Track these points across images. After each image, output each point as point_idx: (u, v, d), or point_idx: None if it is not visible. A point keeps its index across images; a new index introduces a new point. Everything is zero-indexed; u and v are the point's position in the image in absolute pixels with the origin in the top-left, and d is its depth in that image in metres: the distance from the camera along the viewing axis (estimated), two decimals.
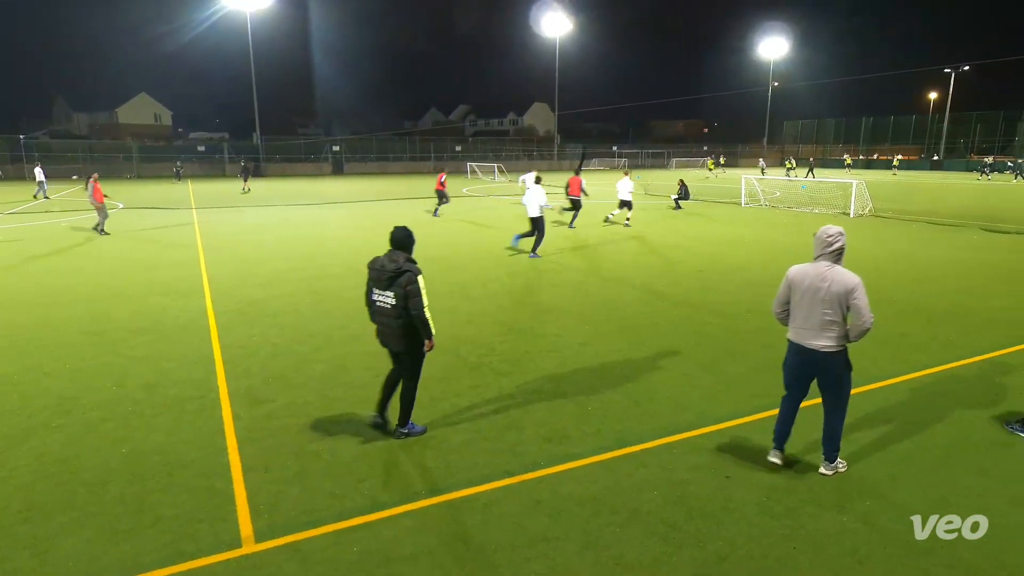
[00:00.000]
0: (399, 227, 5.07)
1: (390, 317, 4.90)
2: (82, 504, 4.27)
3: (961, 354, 7.20)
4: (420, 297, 4.81)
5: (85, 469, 4.73)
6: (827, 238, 4.34)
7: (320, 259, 13.57)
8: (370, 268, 4.99)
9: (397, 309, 4.83)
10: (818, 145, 78.38)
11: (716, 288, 10.67)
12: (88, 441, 5.19)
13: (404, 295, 4.77)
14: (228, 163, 53.16)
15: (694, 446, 5.06)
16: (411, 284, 4.78)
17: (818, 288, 4.31)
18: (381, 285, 4.89)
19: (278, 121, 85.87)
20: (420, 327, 4.88)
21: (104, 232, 17.28)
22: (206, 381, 6.51)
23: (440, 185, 21.81)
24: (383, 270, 4.87)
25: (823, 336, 4.33)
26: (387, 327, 4.96)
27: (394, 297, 4.82)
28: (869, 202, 22.60)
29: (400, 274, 4.80)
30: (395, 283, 4.81)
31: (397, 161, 62.01)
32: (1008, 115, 65.98)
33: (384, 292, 4.88)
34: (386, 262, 4.89)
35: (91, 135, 72.42)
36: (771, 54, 74.79)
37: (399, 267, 4.81)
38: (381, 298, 4.92)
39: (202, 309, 9.39)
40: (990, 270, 12.31)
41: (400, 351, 5.04)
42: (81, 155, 49.66)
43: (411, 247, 5.04)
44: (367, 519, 4.09)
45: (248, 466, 4.77)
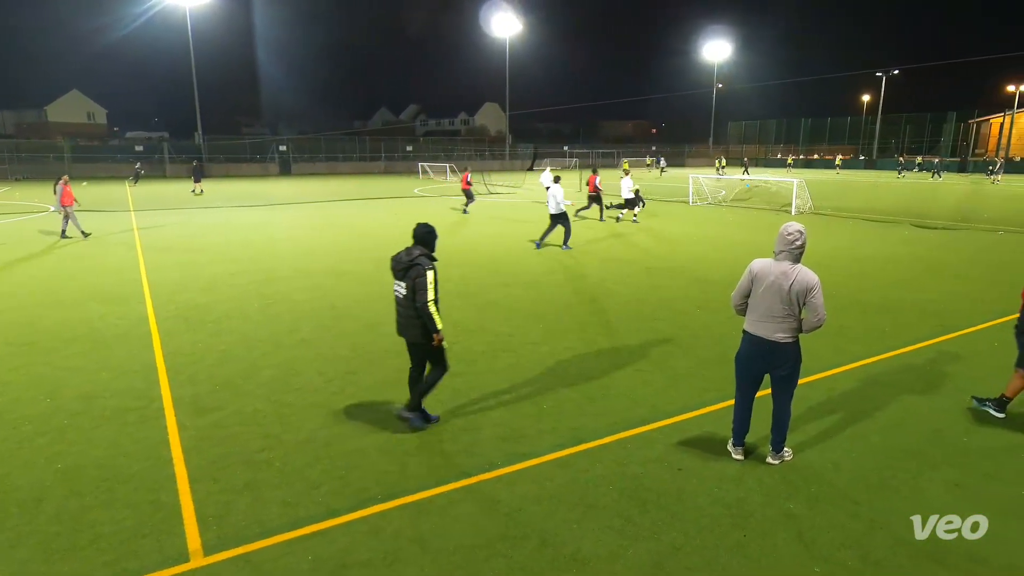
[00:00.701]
0: (421, 223, 5.31)
1: (403, 307, 5.17)
2: (14, 524, 4.04)
3: (895, 344, 7.56)
4: (425, 291, 4.99)
5: (17, 487, 4.47)
6: (788, 236, 4.46)
7: (267, 262, 13.22)
8: (391, 260, 5.24)
9: (408, 300, 5.09)
10: (761, 145, 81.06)
11: (666, 285, 10.90)
12: (20, 457, 4.91)
13: (413, 287, 5.01)
14: (169, 163, 51.20)
15: (647, 440, 5.16)
16: (419, 277, 5.00)
17: (781, 285, 4.42)
18: (397, 276, 5.17)
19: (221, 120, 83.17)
20: (426, 320, 5.05)
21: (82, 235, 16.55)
22: (148, 391, 6.25)
23: (466, 184, 22.64)
24: (399, 262, 5.14)
25: (781, 328, 4.48)
26: (403, 317, 5.22)
27: (405, 288, 5.08)
28: (809, 200, 23.51)
29: (411, 267, 5.04)
30: (407, 275, 5.06)
31: (347, 161, 60.93)
32: (934, 117, 69.71)
33: (399, 283, 5.16)
34: (403, 255, 5.15)
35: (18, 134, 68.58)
36: (715, 57, 76.86)
37: (412, 260, 5.06)
38: (397, 289, 5.20)
39: (142, 316, 9.01)
40: (920, 264, 12.98)
41: (416, 341, 5.24)
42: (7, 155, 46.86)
43: (431, 243, 5.25)
44: (321, 526, 4.01)
45: (195, 477, 4.61)
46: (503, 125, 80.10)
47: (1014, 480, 4.55)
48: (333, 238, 16.80)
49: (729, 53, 77.25)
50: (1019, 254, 14.21)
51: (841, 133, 76.43)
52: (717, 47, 76.44)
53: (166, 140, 59.27)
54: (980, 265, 12.91)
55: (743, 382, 4.76)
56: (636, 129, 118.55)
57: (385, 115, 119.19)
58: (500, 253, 14.28)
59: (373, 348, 7.52)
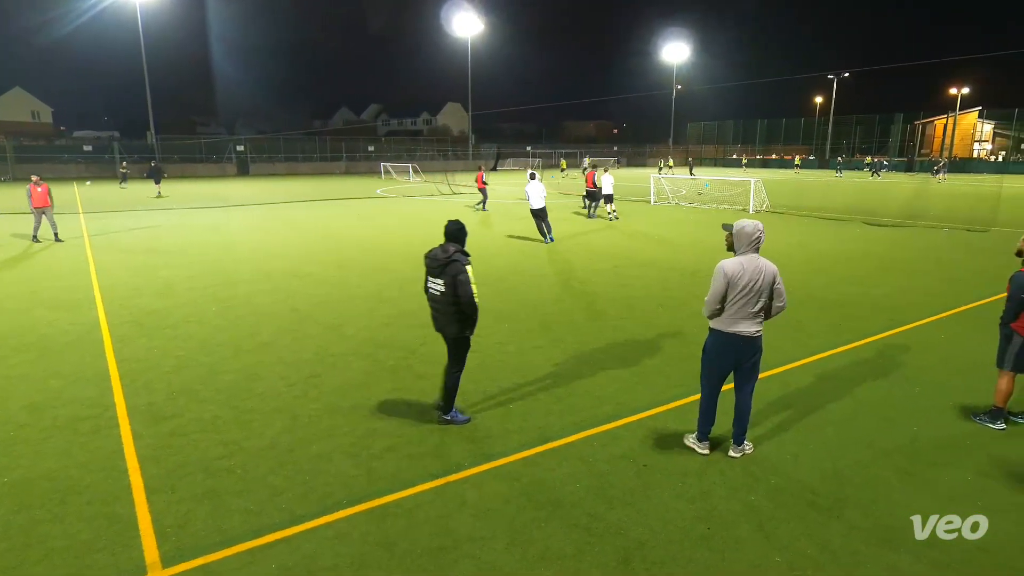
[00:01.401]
0: (452, 220, 5.38)
1: (441, 303, 5.23)
2: None
3: (849, 338, 7.82)
4: (469, 285, 5.08)
5: None
6: (749, 232, 4.58)
7: (226, 264, 12.90)
8: (425, 258, 5.29)
9: (446, 296, 5.15)
10: (719, 145, 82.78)
11: (629, 283, 11.03)
12: None
13: (453, 283, 5.08)
14: (120, 164, 49.51)
15: (613, 437, 5.22)
16: (460, 273, 5.07)
17: (757, 280, 4.54)
18: (433, 273, 5.22)
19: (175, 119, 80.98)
20: (471, 312, 5.19)
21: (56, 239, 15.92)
22: (101, 399, 6.04)
23: (481, 183, 23.35)
24: (435, 259, 5.18)
25: (756, 322, 4.62)
26: (439, 312, 5.29)
27: (443, 284, 5.14)
28: (766, 199, 24.12)
29: (449, 263, 5.09)
30: (444, 272, 5.11)
31: (307, 162, 59.94)
32: (883, 119, 72.32)
33: (435, 280, 5.21)
34: (438, 252, 5.19)
35: None
36: (674, 59, 78.11)
37: (449, 257, 5.11)
38: (433, 285, 5.25)
39: (94, 322, 8.70)
40: (871, 260, 13.44)
41: (453, 335, 5.31)
42: None
43: (463, 239, 5.32)
44: (285, 533, 3.94)
45: (152, 487, 4.47)
46: (466, 125, 79.89)
47: (961, 467, 4.76)
48: (294, 240, 16.50)
49: (688, 55, 78.62)
50: (963, 250, 14.85)
51: (795, 134, 78.59)
52: (676, 49, 77.70)
53: (116, 140, 57.23)
54: (928, 261, 13.44)
55: (713, 378, 4.82)
56: (599, 129, 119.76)
57: (346, 114, 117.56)
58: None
59: (337, 351, 7.42)
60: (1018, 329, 5.23)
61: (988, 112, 69.44)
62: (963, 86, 66.80)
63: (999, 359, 5.42)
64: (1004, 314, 5.33)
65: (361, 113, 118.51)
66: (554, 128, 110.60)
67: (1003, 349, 5.37)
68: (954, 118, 66.82)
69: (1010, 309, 5.25)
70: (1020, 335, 5.23)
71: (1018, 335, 5.24)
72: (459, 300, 5.10)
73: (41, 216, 16.01)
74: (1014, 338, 5.28)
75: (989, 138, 71.89)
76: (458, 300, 5.10)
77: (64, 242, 15.85)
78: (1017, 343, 5.26)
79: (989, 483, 4.53)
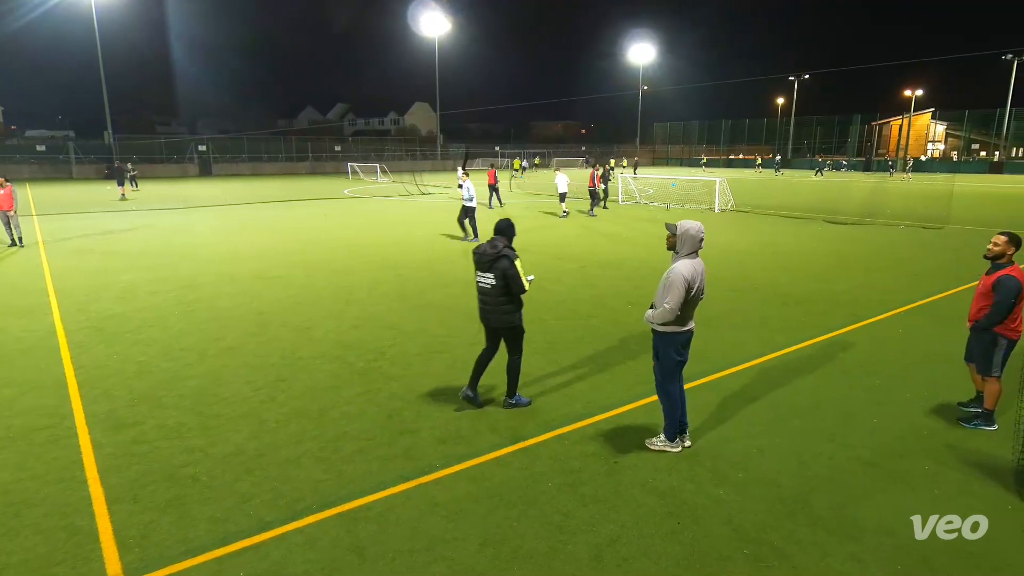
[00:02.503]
0: (503, 219, 5.61)
1: (490, 296, 5.46)
2: None
3: (812, 333, 8.01)
4: (519, 279, 5.34)
5: None
6: (695, 234, 4.67)
7: (188, 268, 12.60)
8: (474, 253, 5.53)
9: (496, 289, 5.39)
10: (685, 145, 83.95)
11: (597, 283, 11.12)
12: None
13: (503, 277, 5.33)
14: (75, 164, 47.96)
15: (584, 435, 5.25)
16: (510, 268, 5.32)
17: (702, 279, 4.71)
18: (482, 268, 5.44)
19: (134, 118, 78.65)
20: (519, 306, 5.51)
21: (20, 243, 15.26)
22: (58, 407, 5.84)
23: (493, 179, 23.91)
24: (484, 255, 5.41)
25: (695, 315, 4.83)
26: (488, 305, 5.51)
27: (493, 278, 5.37)
28: (731, 198, 24.56)
29: (499, 258, 5.33)
30: (494, 266, 5.35)
31: (272, 162, 58.88)
32: (841, 120, 74.30)
33: (485, 274, 5.43)
34: (487, 248, 5.43)
35: None
36: (640, 60, 78.95)
37: (498, 252, 5.35)
38: (482, 279, 5.47)
39: (50, 328, 8.41)
40: (832, 257, 13.81)
41: (499, 327, 5.56)
42: None
43: (512, 235, 5.53)
44: (253, 541, 3.87)
45: (113, 497, 4.34)
46: (434, 125, 79.49)
47: (919, 456, 4.92)
48: (259, 242, 16.19)
49: (653, 56, 79.56)
50: (919, 247, 15.35)
51: (759, 134, 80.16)
52: (642, 50, 78.60)
53: (71, 139, 55.41)
54: (885, 258, 13.86)
55: (674, 376, 4.90)
56: (567, 130, 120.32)
57: (311, 114, 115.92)
58: (438, 253, 14.18)
59: (304, 353, 7.31)
60: (1003, 332, 5.20)
61: (940, 114, 71.99)
62: (916, 88, 69.19)
63: (985, 366, 5.32)
64: (987, 318, 5.21)
65: (327, 113, 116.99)
66: (522, 128, 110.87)
67: (988, 355, 5.27)
68: (908, 119, 69.07)
69: (999, 313, 5.14)
70: (1006, 338, 5.21)
71: (1003, 338, 5.21)
72: (509, 292, 5.38)
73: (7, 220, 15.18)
74: (1000, 341, 5.22)
75: (942, 139, 74.53)
76: (508, 292, 5.38)
77: (25, 247, 15.24)
78: (1003, 345, 5.23)
79: (945, 471, 4.69)
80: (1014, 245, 5.28)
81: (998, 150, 60.79)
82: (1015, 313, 5.15)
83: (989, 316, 5.21)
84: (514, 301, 5.46)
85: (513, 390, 5.74)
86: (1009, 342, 5.23)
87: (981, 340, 5.33)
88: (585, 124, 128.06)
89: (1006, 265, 5.22)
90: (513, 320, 5.53)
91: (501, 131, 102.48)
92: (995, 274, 5.24)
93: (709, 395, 6.02)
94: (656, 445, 5.00)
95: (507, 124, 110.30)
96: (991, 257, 5.36)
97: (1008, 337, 5.21)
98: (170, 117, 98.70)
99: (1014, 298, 5.08)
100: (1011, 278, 5.11)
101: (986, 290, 5.29)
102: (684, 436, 5.02)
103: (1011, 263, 5.23)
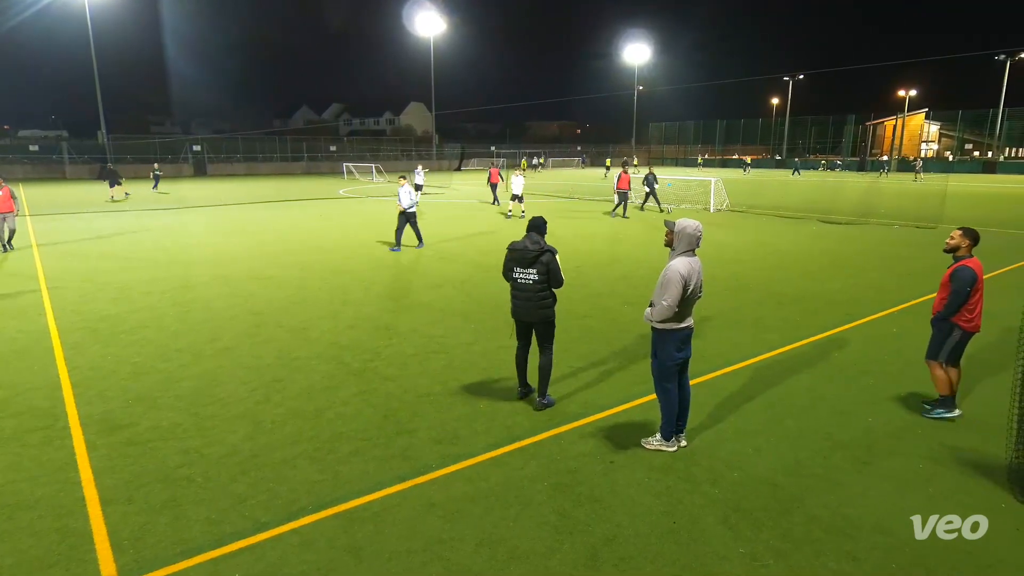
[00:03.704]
0: (537, 216, 5.74)
1: (531, 292, 5.54)
2: None
3: (807, 333, 8.04)
4: (561, 273, 5.52)
5: None
6: (692, 232, 4.68)
7: (183, 268, 12.56)
8: (511, 250, 5.64)
9: (539, 284, 5.50)
10: (680, 145, 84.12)
11: (594, 283, 11.13)
12: None
13: (547, 271, 5.46)
14: (68, 165, 47.72)
15: (580, 434, 5.26)
16: (553, 263, 5.48)
17: (698, 276, 4.74)
18: (524, 264, 5.53)
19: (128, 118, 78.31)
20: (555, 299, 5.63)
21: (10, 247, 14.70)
22: (52, 409, 5.81)
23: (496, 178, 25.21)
24: (526, 251, 5.51)
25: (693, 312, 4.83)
26: (527, 301, 5.58)
27: (536, 273, 5.48)
28: (726, 198, 24.62)
29: (542, 253, 5.47)
30: (538, 261, 5.47)
31: (267, 162, 58.73)
32: (836, 120, 74.57)
33: (527, 270, 5.52)
34: (527, 244, 5.53)
35: None
36: (635, 60, 79.04)
37: (542, 248, 5.49)
38: (523, 275, 5.55)
39: (43, 329, 8.36)
40: (827, 257, 13.85)
41: (535, 321, 5.64)
42: None
43: (544, 232, 5.64)
44: (249, 542, 3.85)
45: (107, 499, 4.32)
46: (430, 125, 79.40)
47: (914, 455, 4.94)
48: (254, 242, 16.15)
49: (649, 56, 79.67)
50: (912, 247, 15.41)
51: (754, 134, 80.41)
52: (637, 50, 78.69)
53: (65, 139, 55.13)
54: (879, 257, 13.91)
55: (672, 374, 4.90)
56: (562, 129, 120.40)
57: (307, 114, 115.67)
58: (433, 254, 14.16)
59: (300, 354, 7.29)
60: (959, 323, 5.40)
61: (934, 114, 72.32)
62: (911, 88, 69.49)
63: (933, 351, 5.58)
64: (945, 308, 5.43)
65: (323, 112, 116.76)
66: (518, 128, 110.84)
67: (939, 342, 5.53)
68: (902, 119, 69.37)
69: (954, 303, 5.36)
70: (961, 328, 5.41)
71: (959, 328, 5.42)
72: (549, 286, 5.52)
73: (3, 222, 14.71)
74: (954, 331, 5.44)
75: (935, 138, 74.87)
76: (547, 286, 5.50)
77: (15, 249, 15.13)
78: (957, 336, 5.44)
79: (940, 470, 4.71)
80: (969, 239, 5.50)
81: (991, 150, 61.10)
82: (971, 304, 5.37)
83: (947, 306, 5.43)
84: (552, 295, 5.59)
85: (545, 389, 5.77)
86: (963, 333, 5.44)
87: (940, 330, 5.56)
88: (581, 124, 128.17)
89: (964, 258, 5.46)
90: (550, 314, 5.63)
91: (497, 131, 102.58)
92: (952, 266, 5.48)
93: (704, 395, 6.03)
94: (652, 444, 5.01)
95: (503, 124, 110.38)
96: (949, 251, 5.63)
97: (963, 328, 5.42)
98: (165, 117, 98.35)
99: (968, 287, 5.29)
100: (966, 269, 5.35)
101: (945, 282, 5.51)
102: (680, 436, 5.03)
103: (969, 256, 5.47)
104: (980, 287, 5.38)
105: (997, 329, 7.76)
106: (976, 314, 5.41)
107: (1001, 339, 7.50)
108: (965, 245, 5.49)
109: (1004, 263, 12.72)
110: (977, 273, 5.35)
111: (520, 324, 5.79)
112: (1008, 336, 7.31)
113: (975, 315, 5.39)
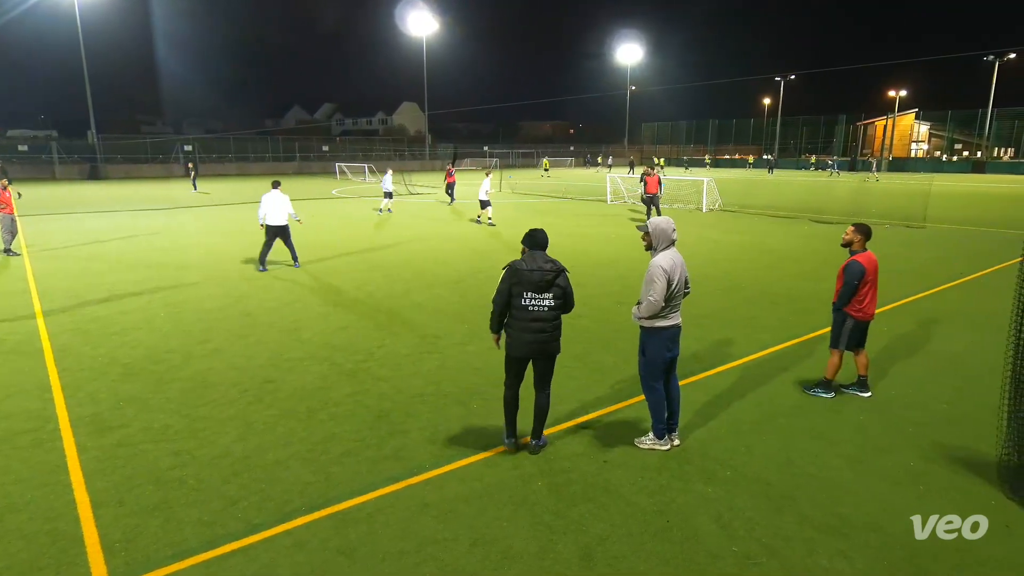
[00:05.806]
0: (539, 229, 4.82)
1: (546, 321, 4.65)
2: None
3: (798, 332, 8.08)
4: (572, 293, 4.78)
5: None
6: (666, 228, 4.76)
7: (174, 269, 12.48)
8: (519, 271, 4.61)
9: (554, 311, 4.67)
10: (673, 145, 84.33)
11: (587, 283, 11.13)
12: None
13: (563, 295, 4.67)
14: (58, 165, 47.34)
15: (574, 435, 5.26)
16: (569, 284, 4.71)
17: (683, 272, 4.77)
18: (539, 288, 4.60)
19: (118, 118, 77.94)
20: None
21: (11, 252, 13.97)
22: (42, 411, 5.76)
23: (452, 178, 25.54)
24: (542, 272, 4.59)
25: (679, 311, 4.84)
26: (541, 332, 4.65)
27: (553, 298, 4.63)
28: (718, 198, 24.70)
29: (560, 274, 4.65)
30: (555, 283, 4.62)
31: (258, 162, 58.45)
32: (827, 120, 74.97)
33: (543, 294, 4.61)
34: (541, 263, 4.62)
35: None
36: (628, 60, 79.29)
37: (557, 267, 4.65)
38: (537, 302, 4.62)
39: (32, 330, 8.29)
40: (819, 256, 13.92)
41: (553, 353, 4.79)
42: None
43: (547, 247, 4.82)
44: (241, 544, 3.84)
45: (98, 501, 4.29)
46: (422, 125, 79.30)
47: (905, 453, 4.97)
48: (245, 243, 16.06)
49: (641, 56, 79.95)
50: (903, 246, 15.50)
51: (746, 134, 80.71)
52: (630, 50, 78.94)
53: (54, 139, 54.70)
54: None
55: (659, 372, 4.91)
56: (555, 129, 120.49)
57: (299, 114, 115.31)
58: (425, 254, 14.14)
59: (292, 355, 7.27)
60: (851, 312, 5.81)
61: (924, 114, 72.83)
62: (900, 89, 70.01)
63: (832, 341, 5.95)
64: (839, 299, 5.84)
65: (315, 112, 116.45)
66: (511, 128, 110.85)
67: (837, 331, 5.91)
68: (892, 120, 69.81)
69: (844, 294, 5.77)
70: (853, 318, 5.82)
71: (851, 318, 5.82)
72: (564, 311, 4.76)
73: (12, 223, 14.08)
74: (847, 321, 5.84)
75: (925, 139, 75.40)
76: (559, 314, 4.71)
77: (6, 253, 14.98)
78: (850, 324, 5.83)
79: (931, 467, 4.75)
80: (861, 233, 5.84)
81: (980, 150, 61.60)
82: (862, 295, 5.76)
83: (840, 297, 5.84)
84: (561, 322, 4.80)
85: (541, 431, 5.00)
86: (855, 322, 5.82)
87: (835, 319, 5.94)
88: (574, 124, 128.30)
89: (857, 252, 5.81)
90: (559, 345, 4.83)
91: (490, 131, 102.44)
92: (847, 260, 5.82)
93: (697, 394, 6.05)
94: (645, 444, 5.02)
95: (496, 124, 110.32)
96: (844, 245, 5.95)
97: (855, 317, 5.81)
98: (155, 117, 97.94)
99: (856, 280, 5.68)
100: (855, 263, 5.72)
101: (840, 274, 5.86)
102: (673, 435, 5.04)
103: (863, 250, 5.83)
104: (869, 279, 5.73)
105: (989, 328, 7.82)
106: (867, 304, 5.79)
107: (993, 338, 7.56)
108: (858, 240, 5.83)
109: (995, 262, 12.83)
110: (866, 267, 5.69)
111: (521, 362, 4.81)
112: (998, 335, 7.36)
113: (865, 304, 5.78)
